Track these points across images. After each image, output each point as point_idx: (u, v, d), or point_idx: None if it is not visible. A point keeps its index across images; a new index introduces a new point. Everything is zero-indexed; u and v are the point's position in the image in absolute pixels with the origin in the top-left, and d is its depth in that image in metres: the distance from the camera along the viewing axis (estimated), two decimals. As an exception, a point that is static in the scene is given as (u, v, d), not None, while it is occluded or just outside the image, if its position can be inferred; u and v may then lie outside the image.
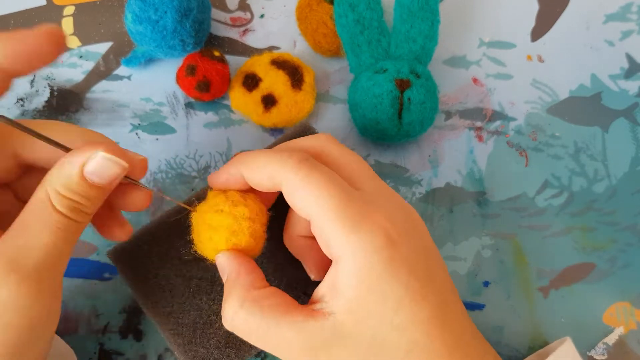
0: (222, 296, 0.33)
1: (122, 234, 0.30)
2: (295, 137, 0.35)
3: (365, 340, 0.26)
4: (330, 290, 0.26)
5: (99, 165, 0.26)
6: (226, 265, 0.28)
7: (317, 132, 0.36)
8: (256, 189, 0.29)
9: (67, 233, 0.26)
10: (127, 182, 0.28)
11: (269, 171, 0.27)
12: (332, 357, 0.26)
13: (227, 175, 0.29)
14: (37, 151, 0.28)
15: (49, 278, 0.25)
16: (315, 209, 0.26)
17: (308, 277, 0.32)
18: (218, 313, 0.33)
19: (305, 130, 0.36)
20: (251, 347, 0.32)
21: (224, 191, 0.29)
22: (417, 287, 0.26)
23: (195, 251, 0.30)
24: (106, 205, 0.29)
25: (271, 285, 0.28)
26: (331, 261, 0.30)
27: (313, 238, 0.32)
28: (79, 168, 0.26)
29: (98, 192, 0.27)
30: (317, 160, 0.28)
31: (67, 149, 0.27)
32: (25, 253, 0.24)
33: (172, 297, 0.33)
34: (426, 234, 0.29)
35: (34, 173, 0.29)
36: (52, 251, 0.25)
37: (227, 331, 0.32)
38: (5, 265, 0.24)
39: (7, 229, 0.25)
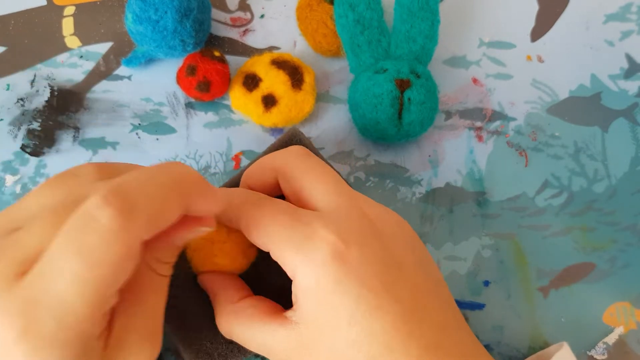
0: None
1: None
2: (283, 145, 0.35)
3: (324, 354, 0.26)
4: (294, 301, 0.27)
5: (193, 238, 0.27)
6: (205, 286, 0.31)
7: (304, 139, 0.36)
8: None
9: (165, 288, 0.27)
10: None
11: (231, 215, 0.29)
12: None
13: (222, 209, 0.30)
14: None
15: (160, 332, 0.26)
16: (267, 242, 0.27)
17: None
18: None
19: (293, 136, 0.36)
20: None
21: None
22: (371, 299, 0.25)
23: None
24: None
25: (257, 293, 0.30)
26: None
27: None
28: (177, 243, 0.26)
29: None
30: (264, 197, 0.29)
31: None
32: (149, 322, 0.25)
33: (176, 291, 0.33)
34: (396, 243, 0.28)
35: None
36: (161, 309, 0.26)
37: None
38: (139, 336, 0.24)
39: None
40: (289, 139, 0.35)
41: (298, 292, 0.26)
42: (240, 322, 0.29)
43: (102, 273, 0.20)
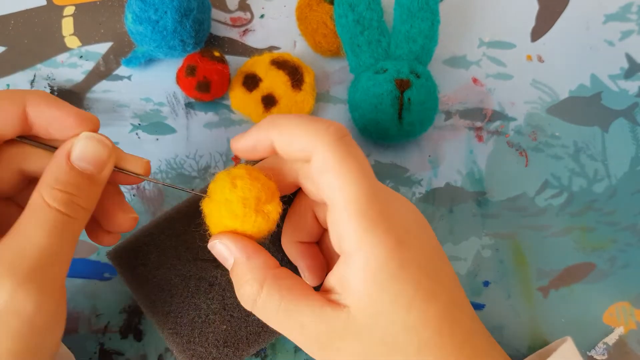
0: (220, 296, 0.33)
1: (110, 239, 0.30)
2: None
3: (376, 338, 0.26)
4: (341, 283, 0.26)
5: (83, 147, 0.26)
6: (230, 249, 0.27)
7: None
8: (283, 156, 0.28)
9: (63, 231, 0.25)
10: (118, 171, 0.28)
11: (304, 142, 0.26)
12: (342, 349, 0.26)
13: (254, 142, 0.28)
14: (39, 163, 0.27)
15: (48, 279, 0.25)
16: (338, 197, 0.25)
17: None
18: (217, 312, 0.33)
19: None
20: (249, 346, 0.32)
21: (230, 172, 0.28)
22: (428, 285, 0.26)
23: (195, 250, 0.30)
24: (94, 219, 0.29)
25: None
26: (325, 267, 0.30)
27: (310, 244, 0.32)
28: (65, 156, 0.26)
29: (89, 182, 0.26)
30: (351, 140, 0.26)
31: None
32: (21, 255, 0.24)
33: (170, 297, 0.33)
34: (433, 234, 0.29)
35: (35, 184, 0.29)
36: (48, 251, 0.24)
37: (226, 330, 0.32)
38: (4, 269, 0.23)
39: None
40: None
41: (353, 276, 0.25)
42: (279, 292, 0.26)
43: None
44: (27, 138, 0.27)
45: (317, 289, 0.28)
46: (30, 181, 0.29)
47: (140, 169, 0.28)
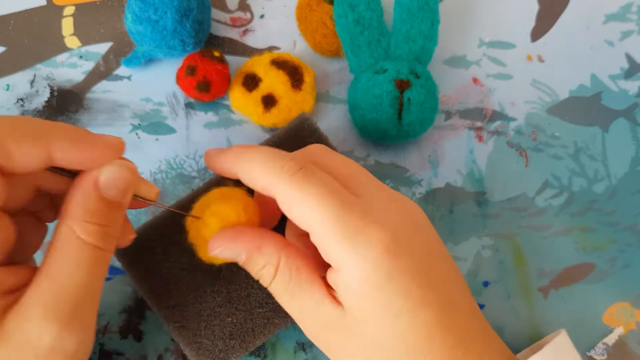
0: (225, 289, 0.33)
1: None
2: (292, 131, 0.35)
3: (365, 341, 0.26)
4: (336, 286, 0.27)
5: (111, 174, 0.25)
6: (235, 248, 0.28)
7: (314, 124, 0.36)
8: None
9: (99, 265, 0.25)
10: (137, 200, 0.28)
11: (265, 182, 0.27)
12: (335, 343, 0.27)
13: (221, 169, 0.29)
14: (57, 181, 0.27)
15: (88, 315, 0.25)
16: (313, 221, 0.26)
17: None
18: (222, 305, 0.33)
19: (303, 121, 0.36)
20: (255, 338, 0.33)
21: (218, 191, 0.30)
22: (418, 294, 0.26)
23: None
24: None
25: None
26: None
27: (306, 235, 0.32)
28: (93, 186, 0.25)
29: (117, 209, 0.26)
30: (313, 166, 0.27)
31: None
32: (63, 297, 0.24)
33: (176, 291, 0.33)
34: (430, 233, 0.28)
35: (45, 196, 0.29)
36: (87, 288, 0.25)
37: (231, 323, 0.33)
38: (45, 314, 0.23)
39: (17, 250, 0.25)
40: (300, 123, 0.36)
41: (341, 283, 0.26)
42: (287, 275, 0.27)
43: None
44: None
45: None
46: (41, 194, 0.28)
47: (153, 195, 0.28)
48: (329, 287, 0.27)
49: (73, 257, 0.24)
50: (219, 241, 0.28)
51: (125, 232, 0.29)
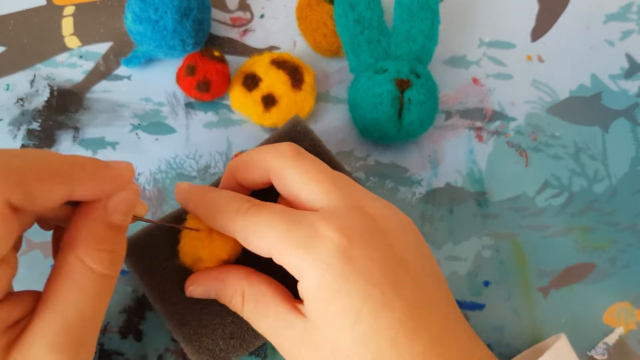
0: None
1: None
2: (285, 135, 0.35)
3: (328, 350, 0.26)
4: (301, 295, 0.27)
5: (121, 200, 0.25)
6: (206, 286, 0.31)
7: (307, 127, 0.36)
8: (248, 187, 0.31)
9: (106, 294, 0.25)
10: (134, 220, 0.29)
11: (223, 223, 0.29)
12: (303, 357, 0.27)
13: (185, 207, 0.32)
14: (55, 211, 0.26)
15: (92, 341, 0.25)
16: (268, 245, 0.27)
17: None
18: (223, 304, 0.33)
19: (296, 124, 0.36)
20: (255, 337, 0.33)
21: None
22: (377, 295, 0.25)
23: None
24: None
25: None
26: None
27: None
28: (103, 214, 0.25)
29: (122, 232, 0.26)
30: (262, 202, 0.29)
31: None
32: (70, 330, 0.23)
33: (179, 289, 0.33)
34: (398, 239, 0.28)
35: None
36: (93, 317, 0.24)
37: (232, 322, 0.33)
38: (52, 350, 0.23)
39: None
40: (292, 126, 0.36)
41: (304, 291, 0.27)
42: (253, 297, 0.29)
43: None
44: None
45: None
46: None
47: (144, 212, 0.30)
48: (294, 302, 0.28)
49: (81, 287, 0.24)
50: (190, 282, 0.32)
51: None
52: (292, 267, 0.27)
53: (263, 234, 0.27)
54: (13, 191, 0.21)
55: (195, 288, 0.31)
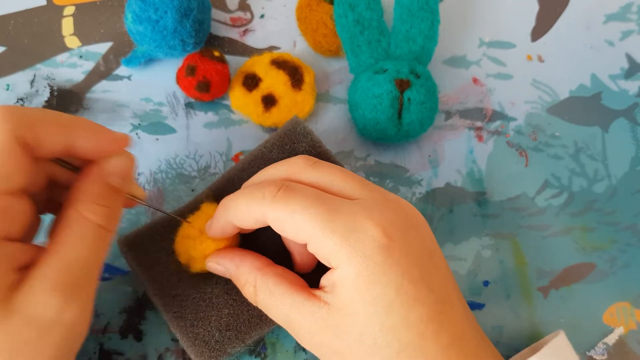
0: (224, 280, 0.34)
1: None
2: (284, 136, 0.35)
3: (354, 337, 0.27)
4: (330, 284, 0.27)
5: (118, 164, 0.28)
6: (222, 264, 0.31)
7: (306, 128, 0.36)
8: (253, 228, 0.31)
9: (102, 243, 0.27)
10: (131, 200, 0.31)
11: (253, 216, 0.29)
12: (324, 344, 0.28)
13: (221, 229, 0.31)
14: (62, 174, 0.29)
15: (89, 290, 0.27)
16: (305, 232, 0.27)
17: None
18: (220, 296, 0.33)
19: (295, 125, 0.36)
20: (251, 329, 0.33)
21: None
22: (410, 289, 0.26)
23: None
24: None
25: None
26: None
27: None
28: (103, 174, 0.28)
29: (120, 194, 0.29)
30: (290, 182, 0.29)
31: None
32: (68, 271, 0.26)
33: (178, 281, 0.33)
34: (426, 234, 0.29)
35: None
36: (90, 263, 0.27)
37: (228, 314, 0.33)
38: (51, 288, 0.25)
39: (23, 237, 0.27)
40: (292, 127, 0.36)
41: (338, 279, 0.27)
42: (267, 289, 0.29)
43: None
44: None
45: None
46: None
47: (142, 195, 0.32)
48: (310, 291, 0.28)
49: (79, 234, 0.26)
50: (211, 259, 0.32)
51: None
52: (329, 256, 0.27)
53: (298, 220, 0.27)
54: (24, 130, 0.25)
55: (215, 266, 0.32)
